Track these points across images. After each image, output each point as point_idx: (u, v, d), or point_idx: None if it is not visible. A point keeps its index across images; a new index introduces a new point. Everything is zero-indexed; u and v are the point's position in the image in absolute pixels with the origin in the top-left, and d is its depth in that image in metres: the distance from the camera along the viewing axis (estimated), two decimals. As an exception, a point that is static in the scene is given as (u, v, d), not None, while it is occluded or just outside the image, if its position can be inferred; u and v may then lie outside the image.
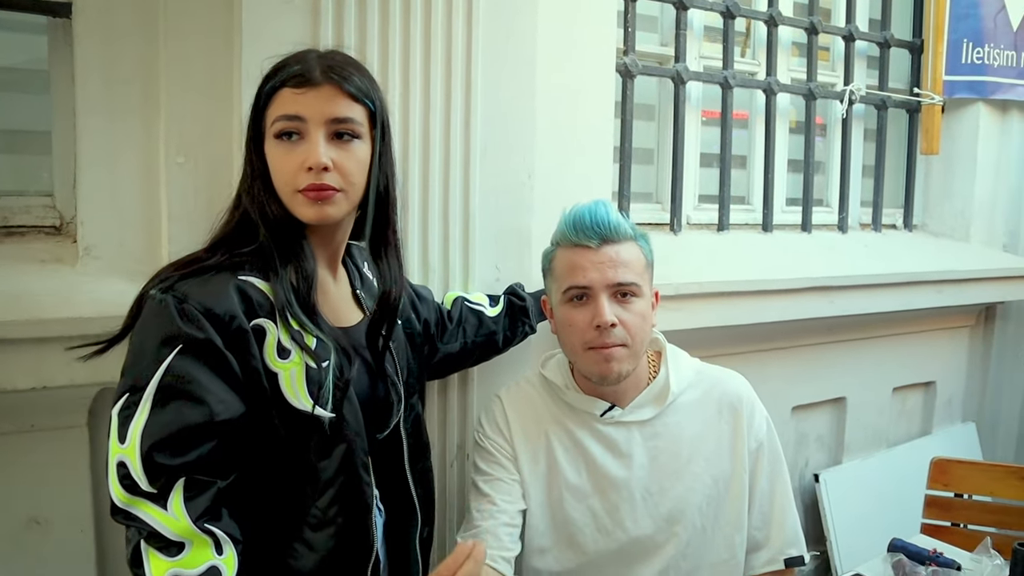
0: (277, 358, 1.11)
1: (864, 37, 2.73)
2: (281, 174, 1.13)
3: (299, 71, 1.12)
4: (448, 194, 1.63)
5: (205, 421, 1.03)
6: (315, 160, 1.10)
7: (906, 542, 1.59)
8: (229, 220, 1.18)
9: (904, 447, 2.80)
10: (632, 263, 1.40)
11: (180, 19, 1.44)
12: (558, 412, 1.49)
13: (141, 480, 1.00)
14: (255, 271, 1.12)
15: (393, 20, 1.54)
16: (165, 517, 1.00)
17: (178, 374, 1.02)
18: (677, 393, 1.46)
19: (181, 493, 1.01)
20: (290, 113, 1.11)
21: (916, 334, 2.77)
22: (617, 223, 1.40)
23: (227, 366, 1.06)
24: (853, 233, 2.79)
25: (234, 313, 1.06)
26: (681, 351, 1.56)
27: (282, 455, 1.13)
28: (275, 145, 1.13)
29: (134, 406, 1.02)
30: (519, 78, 1.73)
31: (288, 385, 1.11)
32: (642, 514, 1.43)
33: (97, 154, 1.45)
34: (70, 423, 1.43)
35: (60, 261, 1.45)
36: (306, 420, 1.12)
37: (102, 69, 1.43)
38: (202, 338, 1.04)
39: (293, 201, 1.13)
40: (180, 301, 1.04)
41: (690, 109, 2.39)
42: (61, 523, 1.44)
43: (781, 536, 1.46)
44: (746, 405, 1.49)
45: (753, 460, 1.47)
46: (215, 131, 1.47)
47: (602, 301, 1.37)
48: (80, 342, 1.31)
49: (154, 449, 1.00)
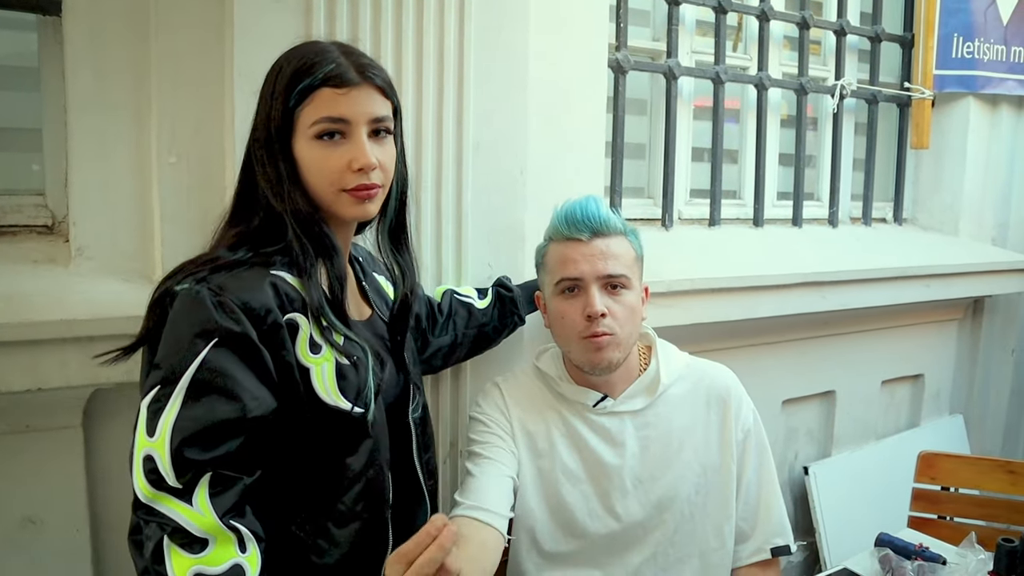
0: (309, 353, 1.11)
1: (855, 31, 2.74)
2: (324, 174, 1.12)
3: (336, 71, 1.10)
4: (441, 191, 1.64)
5: (238, 417, 1.02)
6: (366, 161, 1.11)
7: (893, 537, 1.61)
8: (240, 220, 1.15)
9: (893, 439, 2.82)
10: (622, 256, 1.43)
11: (171, 16, 1.43)
12: (553, 401, 1.52)
13: (168, 475, 0.98)
14: (284, 267, 1.11)
15: (385, 16, 1.53)
16: (191, 512, 0.99)
17: (213, 368, 1.01)
18: (667, 384, 1.50)
19: (207, 489, 1.00)
20: (334, 115, 1.10)
21: (905, 327, 2.79)
22: (607, 217, 1.44)
23: (262, 361, 1.05)
24: (844, 227, 2.80)
25: (270, 307, 1.06)
26: (671, 345, 1.59)
27: (311, 451, 1.13)
28: (314, 145, 1.11)
29: (165, 399, 1.00)
30: (511, 74, 1.73)
31: (320, 380, 1.11)
32: (632, 501, 1.46)
33: (88, 153, 1.44)
34: (65, 423, 1.43)
35: (53, 261, 1.45)
36: (335, 416, 1.12)
37: (92, 67, 1.43)
38: (239, 331, 1.03)
39: (337, 200, 1.13)
40: (216, 294, 1.03)
41: (682, 104, 2.40)
42: (56, 523, 1.44)
43: (768, 526, 1.49)
44: (734, 397, 1.52)
45: (740, 450, 1.50)
46: (207, 130, 1.47)
47: (593, 292, 1.40)
48: (74, 344, 1.32)
49: (185, 444, 0.98)
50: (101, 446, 1.47)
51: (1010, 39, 2.87)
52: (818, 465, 2.59)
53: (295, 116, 1.12)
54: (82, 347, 1.32)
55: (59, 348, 1.31)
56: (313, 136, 1.11)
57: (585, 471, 1.47)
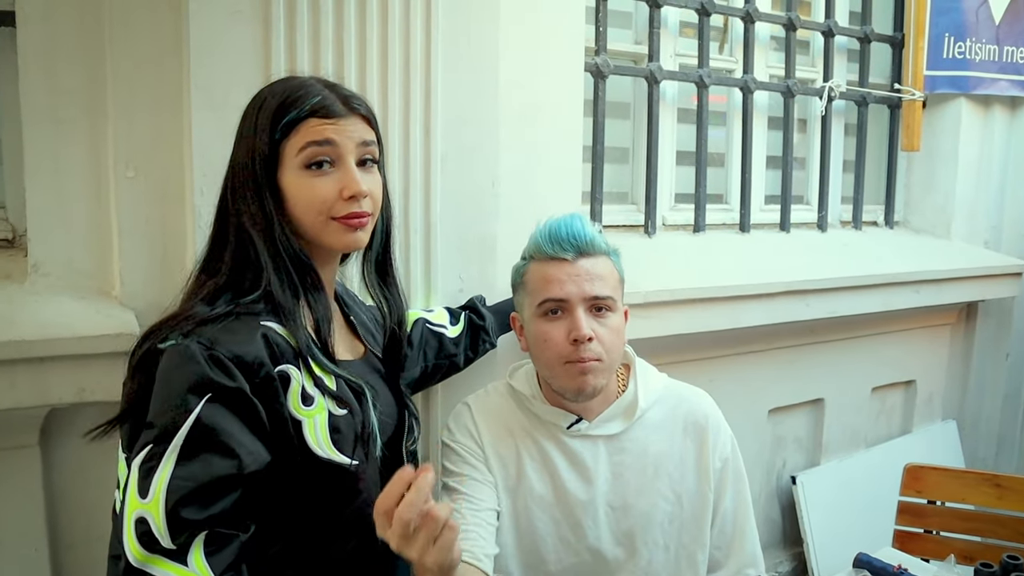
0: (301, 405, 1.08)
1: (844, 32, 2.70)
2: (314, 203, 1.10)
3: (322, 103, 1.09)
4: (408, 203, 1.60)
5: (234, 473, 0.99)
6: (357, 188, 1.09)
7: (871, 557, 1.58)
8: (217, 261, 1.12)
9: (883, 447, 2.79)
10: (607, 277, 1.38)
11: (126, 29, 1.40)
12: (525, 422, 1.46)
13: (163, 537, 0.95)
14: (271, 316, 1.08)
15: (348, 22, 1.50)
16: (187, 574, 0.95)
17: (208, 424, 0.98)
18: (645, 408, 1.45)
19: (201, 548, 0.97)
20: (321, 138, 1.08)
21: (896, 333, 2.75)
22: (592, 237, 1.39)
23: (256, 415, 1.03)
24: (833, 232, 2.76)
25: (262, 360, 1.03)
26: (650, 366, 1.53)
27: (304, 504, 1.10)
28: (303, 175, 1.09)
29: (158, 458, 0.97)
30: (481, 82, 1.69)
31: (312, 433, 1.08)
32: (604, 529, 1.42)
33: (44, 166, 1.41)
34: (21, 443, 1.40)
35: (9, 277, 1.42)
36: (328, 469, 1.10)
37: (46, 79, 1.40)
38: (232, 386, 1.00)
39: (325, 229, 1.11)
40: (207, 348, 1.00)
41: (665, 107, 2.36)
42: (14, 542, 1.41)
43: (741, 556, 1.46)
44: (712, 424, 1.47)
45: (718, 479, 1.46)
46: (165, 143, 1.44)
47: (579, 314, 1.34)
48: (24, 365, 1.30)
49: (181, 504, 0.95)
50: (59, 465, 1.44)
51: (1002, 39, 2.83)
52: (806, 474, 2.55)
53: (280, 149, 1.09)
54: (32, 368, 1.30)
55: (8, 369, 1.28)
56: (301, 165, 1.09)
57: (555, 497, 1.42)
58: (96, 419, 1.39)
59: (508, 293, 1.73)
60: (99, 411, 1.39)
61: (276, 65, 1.43)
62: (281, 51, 1.44)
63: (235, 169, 1.13)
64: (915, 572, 1.53)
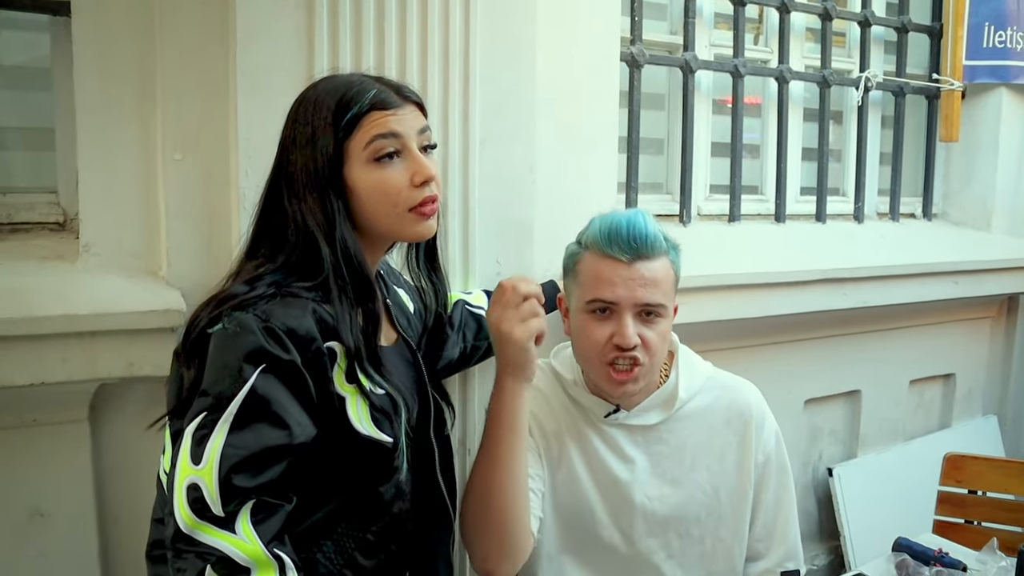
0: (345, 382, 1.10)
1: (881, 22, 2.68)
2: (388, 195, 1.12)
3: (379, 96, 1.11)
4: (447, 187, 1.62)
5: (284, 444, 1.01)
6: (428, 173, 1.12)
7: (911, 541, 1.56)
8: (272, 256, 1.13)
9: (921, 441, 2.75)
10: (662, 282, 1.35)
11: (175, 16, 1.44)
12: (569, 405, 1.47)
13: (215, 504, 0.97)
14: (320, 300, 1.10)
15: (389, 11, 1.52)
16: (235, 541, 0.97)
17: (261, 394, 1.01)
18: (685, 400, 1.44)
19: (248, 516, 0.99)
20: (386, 131, 1.11)
21: (934, 325, 2.72)
22: (654, 237, 1.35)
23: (306, 388, 1.05)
24: (869, 223, 2.74)
25: (313, 334, 1.06)
26: (694, 354, 1.52)
27: (343, 479, 1.13)
28: (372, 169, 1.11)
29: (211, 425, 0.99)
30: (519, 69, 1.71)
31: (354, 410, 1.11)
32: (639, 518, 1.42)
33: (96, 151, 1.45)
34: (72, 418, 1.44)
35: (61, 258, 1.47)
36: (368, 445, 1.12)
37: (99, 67, 1.44)
38: (286, 358, 1.02)
39: (402, 221, 1.14)
40: (262, 320, 1.03)
41: (701, 98, 2.36)
42: (63, 516, 1.46)
43: (782, 549, 1.46)
44: (756, 417, 1.45)
45: (759, 473, 1.44)
46: (211, 127, 1.47)
47: (626, 320, 1.32)
48: (76, 339, 1.34)
49: (233, 471, 0.97)
50: (108, 440, 1.48)
51: (1045, 27, 2.78)
52: (843, 466, 2.53)
53: (345, 147, 1.11)
54: (84, 342, 1.34)
55: (61, 343, 1.33)
56: (369, 159, 1.11)
57: (593, 480, 1.42)
58: (142, 397, 1.47)
59: (544, 277, 1.76)
60: (146, 387, 1.45)
61: (319, 51, 1.46)
62: (324, 37, 1.47)
63: (292, 172, 1.13)
64: (956, 557, 1.52)
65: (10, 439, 1.40)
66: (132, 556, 1.26)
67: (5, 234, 1.48)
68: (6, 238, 1.48)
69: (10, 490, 1.41)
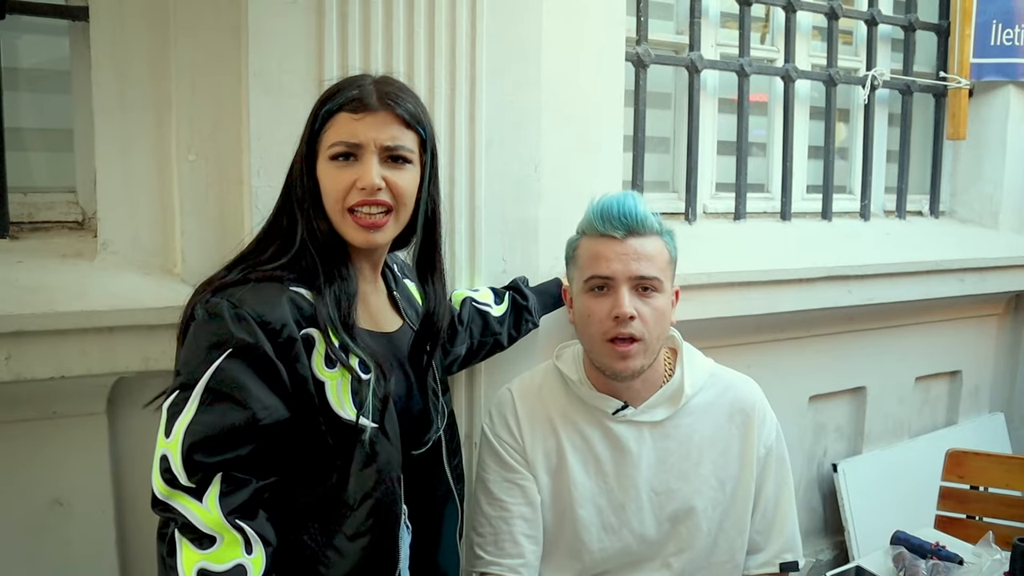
0: (325, 367, 1.15)
1: (888, 20, 2.69)
2: (333, 192, 1.17)
3: (356, 96, 1.17)
4: (453, 187, 1.66)
5: (246, 424, 1.07)
6: (368, 181, 1.15)
7: (908, 535, 1.59)
8: (267, 235, 1.21)
9: (927, 437, 2.77)
10: (655, 258, 1.39)
11: (189, 20, 1.48)
12: (569, 407, 1.49)
13: (180, 475, 1.04)
14: (301, 283, 1.16)
15: (397, 14, 1.56)
16: (199, 509, 1.04)
17: (226, 377, 1.06)
18: (691, 395, 1.46)
19: (218, 488, 1.05)
20: (347, 140, 1.16)
21: (940, 323, 2.73)
22: (644, 215, 1.39)
23: (275, 372, 1.09)
24: (876, 221, 2.75)
25: (285, 322, 1.10)
26: (696, 351, 1.55)
27: (326, 462, 1.16)
28: (330, 166, 1.17)
29: (182, 403, 1.06)
30: (525, 70, 1.74)
31: (334, 394, 1.15)
32: (647, 514, 1.44)
33: (113, 152, 1.50)
34: (90, 410, 1.49)
35: (80, 255, 1.51)
36: (349, 430, 1.15)
37: (116, 70, 1.49)
38: (252, 343, 1.07)
39: (343, 222, 1.18)
40: (234, 307, 1.08)
41: (707, 97, 2.39)
42: (82, 505, 1.51)
43: (780, 540, 1.48)
44: (758, 411, 1.48)
45: (761, 466, 1.47)
46: (225, 128, 1.52)
47: (623, 293, 1.36)
48: (94, 334, 1.39)
49: (194, 447, 1.04)
50: (125, 432, 1.53)
51: (1053, 25, 2.78)
52: (847, 462, 2.55)
53: (318, 139, 1.18)
54: (102, 337, 1.39)
55: (80, 338, 1.38)
56: (329, 157, 1.17)
57: (598, 484, 1.45)
58: (158, 391, 1.49)
59: (549, 274, 1.79)
60: (163, 381, 1.47)
61: (329, 54, 1.51)
62: (333, 40, 1.51)
63: (296, 152, 1.22)
64: (953, 551, 1.54)
65: (32, 430, 1.45)
66: (148, 543, 1.29)
67: (26, 232, 1.53)
68: (27, 236, 1.52)
69: (31, 479, 1.47)
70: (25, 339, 1.34)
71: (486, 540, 1.43)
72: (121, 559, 1.55)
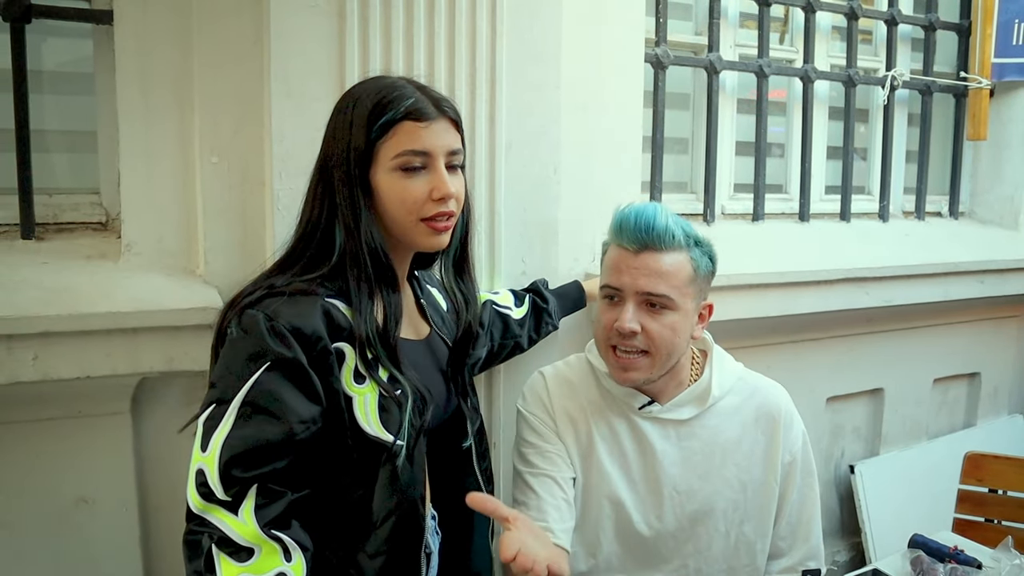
0: (353, 383, 1.14)
1: (908, 20, 2.67)
2: (405, 203, 1.16)
3: (416, 105, 1.15)
4: (473, 190, 1.66)
5: (284, 439, 1.07)
6: (447, 191, 1.16)
7: (927, 538, 1.58)
8: (304, 245, 1.18)
9: (945, 439, 2.75)
10: (671, 274, 1.35)
11: (212, 25, 1.50)
12: (598, 398, 1.49)
13: (217, 488, 1.04)
14: (338, 295, 1.15)
15: (417, 17, 1.57)
16: (235, 523, 1.04)
17: (264, 390, 1.06)
18: (718, 397, 1.46)
19: (253, 501, 1.05)
20: (417, 149, 1.15)
21: (959, 324, 2.71)
22: (663, 230, 1.35)
23: (311, 385, 1.09)
24: (894, 222, 2.73)
25: (320, 334, 1.10)
26: (727, 355, 1.54)
27: (351, 478, 1.16)
28: (397, 176, 1.16)
29: (219, 417, 1.06)
30: (544, 72, 1.75)
31: (361, 410, 1.15)
32: (668, 511, 1.44)
33: (137, 154, 1.52)
34: (114, 410, 1.51)
35: (104, 257, 1.53)
36: (375, 447, 1.15)
37: (140, 73, 1.50)
38: (290, 356, 1.07)
39: (415, 229, 1.18)
40: (270, 319, 1.07)
41: (725, 97, 2.38)
42: (107, 503, 1.53)
43: (805, 548, 1.48)
44: (784, 417, 1.48)
45: (785, 472, 1.47)
46: (247, 131, 1.53)
47: (627, 307, 1.35)
48: (119, 335, 1.41)
49: (231, 462, 1.04)
50: (149, 431, 1.55)
51: (1075, 25, 2.75)
52: (865, 464, 2.54)
53: (375, 148, 1.16)
54: (126, 338, 1.41)
55: (105, 338, 1.39)
56: (395, 168, 1.15)
57: (622, 477, 1.45)
58: (182, 391, 1.53)
59: (568, 276, 1.80)
60: (185, 381, 1.51)
61: (350, 57, 1.52)
62: (355, 43, 1.52)
63: (327, 163, 1.18)
64: (971, 555, 1.53)
65: (57, 429, 1.47)
66: (172, 542, 1.31)
67: (51, 234, 1.55)
68: (52, 238, 1.55)
69: (57, 478, 1.49)
70: (51, 340, 1.36)
71: (530, 508, 1.42)
72: (144, 556, 1.57)
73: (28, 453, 1.46)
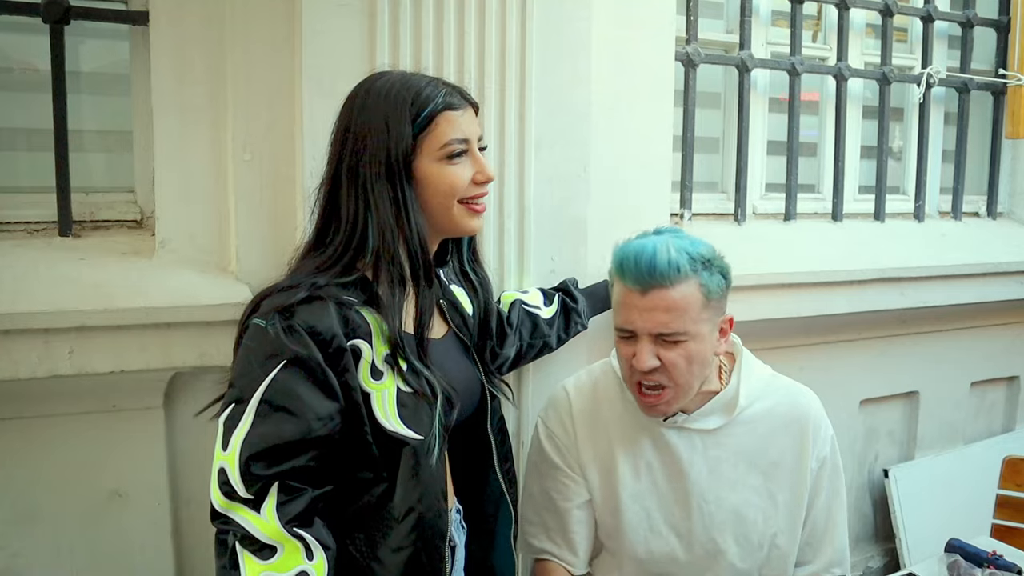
0: (371, 379, 1.15)
1: (944, 17, 2.62)
2: (451, 189, 1.20)
3: (450, 96, 1.21)
4: (503, 187, 1.66)
5: (302, 436, 1.08)
6: (490, 174, 1.25)
7: (964, 543, 1.55)
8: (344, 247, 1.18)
9: (982, 444, 2.70)
10: (682, 309, 1.31)
11: (245, 25, 1.51)
12: (622, 409, 1.47)
13: (239, 486, 1.06)
14: (357, 295, 1.16)
15: (448, 16, 1.58)
16: (258, 520, 1.06)
17: (281, 388, 1.08)
18: (745, 406, 1.43)
19: (275, 499, 1.07)
20: (460, 137, 1.20)
21: (998, 327, 2.66)
22: (666, 266, 1.29)
23: (327, 382, 1.11)
24: (930, 222, 2.68)
25: (335, 332, 1.11)
26: (755, 359, 1.51)
27: (372, 473, 1.17)
28: (443, 164, 1.19)
29: (238, 416, 1.08)
30: (575, 70, 1.74)
31: (380, 405, 1.16)
32: (696, 522, 1.42)
33: (171, 153, 1.55)
34: (148, 404, 1.54)
35: (139, 253, 1.56)
36: (395, 442, 1.16)
37: (175, 73, 1.53)
38: (305, 355, 1.09)
39: (457, 211, 1.23)
40: (286, 319, 1.09)
41: (757, 96, 2.36)
42: (140, 496, 1.56)
43: (830, 554, 1.45)
44: (812, 422, 1.45)
45: (814, 478, 1.44)
46: (279, 129, 1.55)
47: (643, 347, 1.32)
48: (153, 330, 1.43)
49: (251, 459, 1.06)
50: (181, 425, 1.57)
51: (1118, 20, 2.69)
52: (899, 468, 2.50)
53: (418, 140, 1.18)
54: (160, 333, 1.43)
55: (140, 333, 1.42)
56: (441, 157, 1.19)
57: (648, 488, 1.43)
58: (213, 385, 1.53)
59: (598, 275, 1.79)
60: (217, 376, 1.51)
61: (380, 55, 1.52)
62: (385, 42, 1.53)
63: (356, 162, 1.17)
64: (1010, 560, 1.50)
65: (92, 423, 1.50)
66: (203, 534, 1.33)
67: (88, 231, 1.58)
68: (89, 235, 1.57)
69: (92, 471, 1.52)
70: (87, 334, 1.38)
71: (536, 529, 1.45)
72: (176, 549, 1.60)
73: (64, 447, 1.49)
